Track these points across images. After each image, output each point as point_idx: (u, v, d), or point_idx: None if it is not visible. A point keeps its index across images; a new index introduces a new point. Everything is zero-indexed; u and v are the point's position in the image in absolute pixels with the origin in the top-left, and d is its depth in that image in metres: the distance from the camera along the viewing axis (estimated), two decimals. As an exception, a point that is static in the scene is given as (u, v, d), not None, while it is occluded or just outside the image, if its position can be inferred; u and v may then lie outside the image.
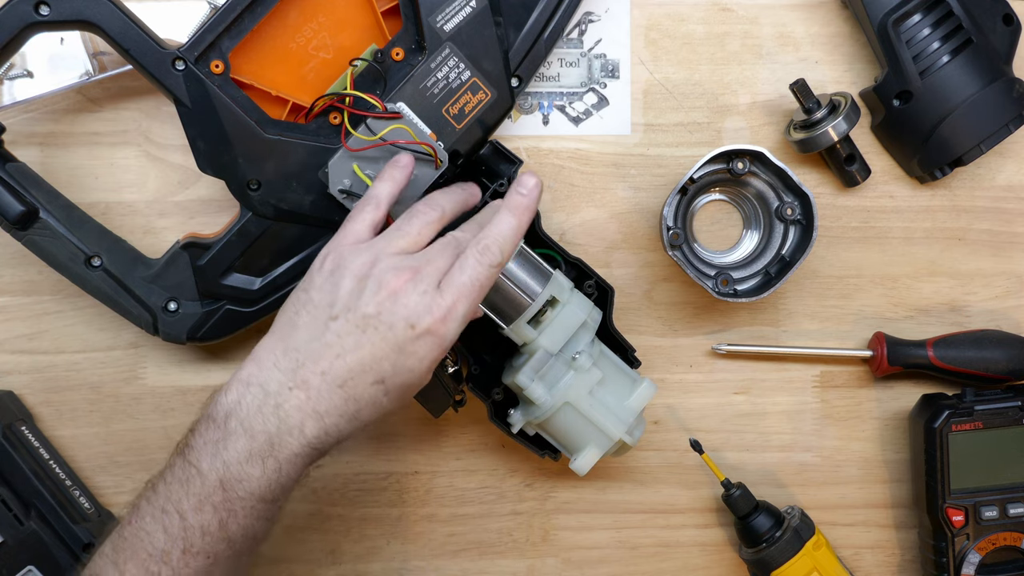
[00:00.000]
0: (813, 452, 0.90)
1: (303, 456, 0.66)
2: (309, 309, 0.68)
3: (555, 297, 0.77)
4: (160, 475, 0.67)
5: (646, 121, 0.88)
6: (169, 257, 0.82)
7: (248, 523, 0.66)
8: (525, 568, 0.90)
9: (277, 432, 0.65)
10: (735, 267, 0.87)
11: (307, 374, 0.66)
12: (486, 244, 0.69)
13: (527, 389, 0.76)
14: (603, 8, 0.88)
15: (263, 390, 0.66)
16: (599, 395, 0.78)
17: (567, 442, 0.80)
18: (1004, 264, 0.90)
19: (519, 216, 0.71)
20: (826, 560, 0.84)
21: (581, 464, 0.78)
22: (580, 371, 0.77)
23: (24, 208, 0.78)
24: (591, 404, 0.77)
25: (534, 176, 0.72)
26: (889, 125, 0.86)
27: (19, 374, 0.88)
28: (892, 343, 0.87)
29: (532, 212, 0.72)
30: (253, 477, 0.65)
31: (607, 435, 0.78)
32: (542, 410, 0.77)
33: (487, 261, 0.68)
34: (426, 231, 0.70)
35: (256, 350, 0.68)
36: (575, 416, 0.78)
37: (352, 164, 0.78)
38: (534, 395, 0.76)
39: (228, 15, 0.76)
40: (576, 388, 0.77)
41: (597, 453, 0.79)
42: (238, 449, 0.65)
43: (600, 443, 0.79)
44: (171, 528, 0.65)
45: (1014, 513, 0.85)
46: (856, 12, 0.86)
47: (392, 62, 0.80)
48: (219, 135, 0.77)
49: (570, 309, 0.77)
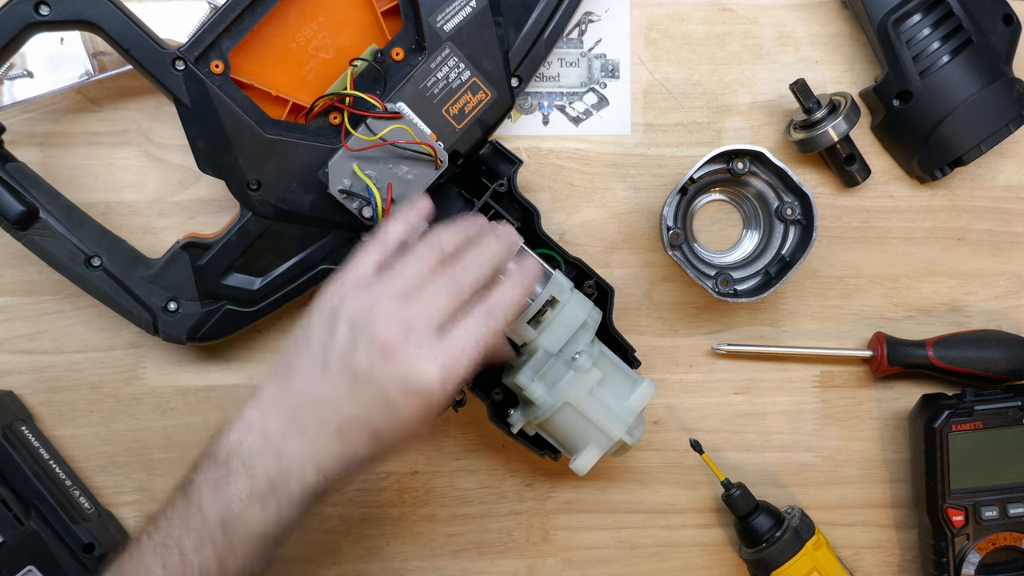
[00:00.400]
0: (813, 452, 0.90)
1: (303, 500, 0.66)
2: (307, 354, 0.67)
3: (555, 297, 0.77)
4: (162, 510, 0.68)
5: (646, 121, 0.88)
6: (169, 257, 0.82)
7: (247, 563, 0.66)
8: (525, 568, 0.90)
9: (278, 475, 0.65)
10: (735, 267, 0.87)
11: (305, 421, 0.66)
12: (493, 309, 0.68)
13: (527, 389, 0.76)
14: (603, 8, 0.88)
15: (263, 434, 0.66)
16: (599, 395, 0.78)
17: (567, 442, 0.79)
18: (1004, 264, 0.90)
19: (525, 289, 0.70)
20: (826, 560, 0.84)
21: (581, 464, 0.78)
22: (580, 371, 0.77)
23: (24, 208, 0.78)
24: (591, 404, 0.77)
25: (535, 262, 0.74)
26: (889, 125, 0.86)
27: (19, 374, 0.88)
28: (892, 343, 0.87)
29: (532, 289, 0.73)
30: (254, 518, 0.65)
31: (607, 435, 0.78)
32: (542, 410, 0.77)
33: (493, 326, 0.67)
34: (426, 273, 0.68)
35: (259, 389, 0.68)
36: (575, 416, 0.77)
37: (352, 164, 0.78)
38: (534, 395, 0.76)
39: (228, 15, 0.76)
40: (576, 388, 0.76)
41: (597, 453, 0.78)
42: (239, 489, 0.65)
43: (600, 443, 0.78)
44: (171, 564, 0.65)
45: (1014, 513, 0.85)
46: (856, 12, 0.86)
47: (392, 62, 0.80)
48: (219, 135, 0.77)
49: (570, 309, 0.77)
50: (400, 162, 0.79)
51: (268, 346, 0.88)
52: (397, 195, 0.79)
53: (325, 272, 0.82)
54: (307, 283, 0.82)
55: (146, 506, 0.89)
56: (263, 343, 0.88)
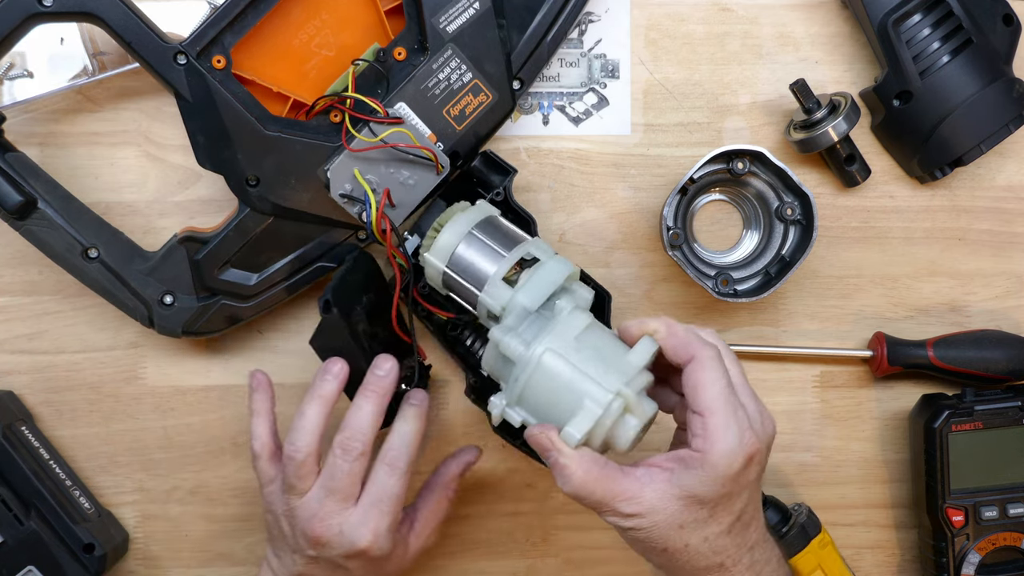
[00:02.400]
0: (813, 452, 0.90)
1: None
2: (275, 531, 0.77)
3: (533, 255, 0.72)
4: None
5: (646, 121, 0.89)
6: (166, 251, 0.81)
7: None
8: (525, 568, 0.90)
9: None
10: (735, 267, 0.87)
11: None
12: (392, 457, 0.75)
13: (501, 343, 0.66)
14: (603, 8, 0.88)
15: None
16: (589, 342, 0.66)
17: (557, 412, 0.66)
18: (1004, 264, 0.90)
19: (420, 421, 0.77)
20: (831, 559, 0.84)
21: (571, 430, 0.64)
22: (560, 314, 0.67)
23: (22, 198, 0.78)
24: (578, 351, 0.65)
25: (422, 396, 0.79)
26: (889, 125, 0.86)
27: (19, 374, 0.88)
28: (892, 343, 0.87)
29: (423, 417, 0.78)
30: None
31: (603, 388, 0.64)
32: (521, 370, 0.66)
33: (397, 472, 0.75)
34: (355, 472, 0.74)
35: (266, 553, 0.79)
36: (561, 371, 0.65)
37: (354, 169, 0.78)
38: (509, 348, 0.66)
39: (231, 11, 0.76)
40: (558, 332, 0.66)
41: (591, 416, 0.64)
42: None
43: (596, 400, 0.64)
44: None
45: (1014, 513, 0.85)
46: (856, 12, 0.86)
47: (394, 62, 0.80)
48: (219, 130, 0.77)
49: (550, 265, 0.70)
50: (402, 166, 0.79)
51: (268, 346, 0.88)
52: (398, 200, 0.79)
53: (322, 269, 0.82)
54: (304, 280, 0.83)
55: (146, 506, 0.89)
56: (263, 343, 0.88)
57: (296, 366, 0.88)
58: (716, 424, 0.64)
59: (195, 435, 0.89)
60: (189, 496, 0.89)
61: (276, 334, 0.88)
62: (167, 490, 0.89)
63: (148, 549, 0.89)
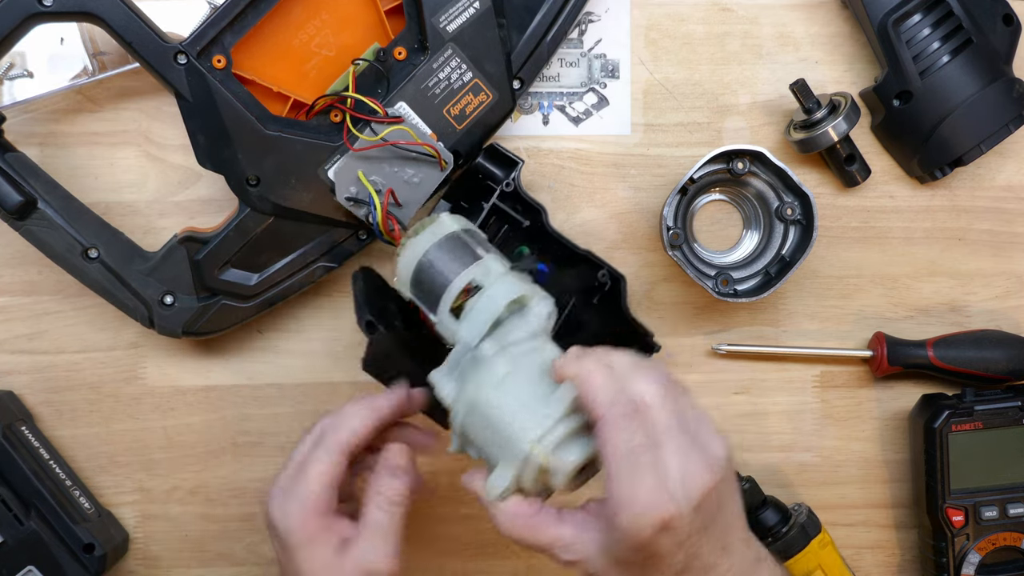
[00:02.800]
0: (813, 452, 0.90)
1: None
2: None
3: (476, 282, 0.67)
4: None
5: (646, 121, 0.89)
6: (166, 251, 0.81)
7: None
8: (525, 568, 0.90)
9: None
10: (735, 267, 0.87)
11: None
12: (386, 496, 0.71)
13: (436, 388, 0.66)
14: (603, 8, 0.88)
15: None
16: (509, 389, 0.63)
17: (497, 451, 0.63)
18: (1004, 264, 0.90)
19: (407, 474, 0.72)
20: (831, 559, 0.84)
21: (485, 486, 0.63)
22: (480, 361, 0.64)
23: (22, 198, 0.78)
24: (501, 398, 0.62)
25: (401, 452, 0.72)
26: (889, 125, 0.86)
27: (19, 374, 0.88)
28: (892, 343, 0.87)
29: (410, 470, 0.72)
30: None
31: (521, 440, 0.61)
32: (454, 415, 0.65)
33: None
34: None
35: None
36: (488, 416, 0.63)
37: (357, 171, 0.78)
38: (441, 394, 0.65)
39: (231, 10, 0.76)
40: (477, 380, 0.63)
41: (509, 470, 0.62)
42: None
43: (515, 452, 0.61)
44: None
45: (1014, 513, 0.85)
46: (856, 12, 0.86)
47: (394, 61, 0.80)
48: (219, 130, 0.77)
49: (489, 294, 0.66)
50: (406, 165, 0.79)
51: (268, 346, 0.88)
52: (403, 199, 0.79)
53: (323, 269, 0.82)
54: (304, 280, 0.83)
55: (146, 506, 0.89)
56: (263, 343, 0.88)
57: (297, 366, 0.88)
58: (617, 490, 0.58)
59: (195, 435, 0.89)
60: (189, 496, 0.89)
61: (276, 334, 0.88)
62: (167, 490, 0.89)
63: (148, 549, 0.89)
